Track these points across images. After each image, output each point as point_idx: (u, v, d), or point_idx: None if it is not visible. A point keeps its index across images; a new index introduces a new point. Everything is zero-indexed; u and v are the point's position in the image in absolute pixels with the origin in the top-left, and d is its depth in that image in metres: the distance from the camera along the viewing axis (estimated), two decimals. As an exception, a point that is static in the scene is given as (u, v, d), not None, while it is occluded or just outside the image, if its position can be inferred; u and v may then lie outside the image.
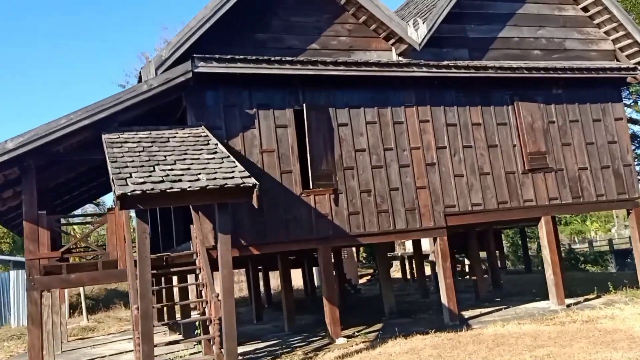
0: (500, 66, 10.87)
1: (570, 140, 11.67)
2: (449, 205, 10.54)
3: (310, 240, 9.52)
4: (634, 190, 11.94)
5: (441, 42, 11.05)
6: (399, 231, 10.15)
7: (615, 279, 16.62)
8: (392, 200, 10.18)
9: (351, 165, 10.03)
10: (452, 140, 10.84)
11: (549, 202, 11.24)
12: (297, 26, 10.12)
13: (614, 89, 12.26)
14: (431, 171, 10.56)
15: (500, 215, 10.99)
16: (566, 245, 43.42)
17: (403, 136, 10.51)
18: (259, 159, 9.43)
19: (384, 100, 10.52)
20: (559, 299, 10.89)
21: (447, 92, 10.99)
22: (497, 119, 11.26)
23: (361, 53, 10.46)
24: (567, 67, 11.33)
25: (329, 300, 9.44)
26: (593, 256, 37.74)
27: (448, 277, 10.27)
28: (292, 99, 9.85)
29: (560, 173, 11.45)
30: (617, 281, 15.93)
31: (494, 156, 11.07)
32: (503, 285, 18.16)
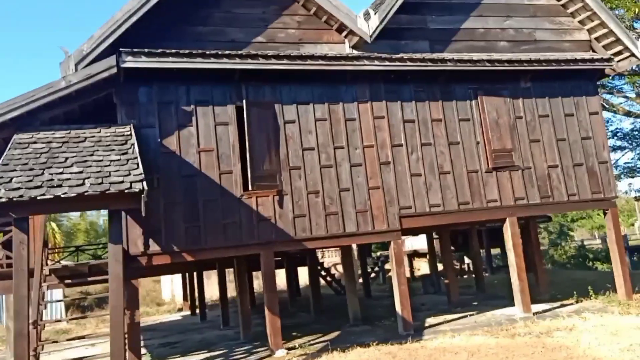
0: (459, 59, 10.22)
1: (540, 137, 10.99)
2: (405, 207, 9.94)
3: (252, 245, 8.99)
4: (610, 189, 11.23)
5: (400, 34, 10.44)
6: (350, 234, 9.57)
7: (609, 281, 15.98)
8: (343, 202, 9.61)
9: (298, 164, 9.47)
10: (410, 137, 10.23)
11: (515, 203, 10.58)
12: (240, 18, 9.57)
13: (589, 81, 11.54)
14: (386, 170, 9.96)
15: (461, 217, 10.36)
16: (577, 242, 42.54)
17: (356, 134, 9.92)
18: (195, 158, 8.91)
19: (335, 96, 9.95)
20: (525, 306, 10.25)
21: (405, 86, 10.38)
22: (460, 114, 10.62)
23: (311, 46, 9.89)
24: (534, 59, 10.65)
25: (270, 309, 8.90)
26: (604, 253, 36.87)
27: (402, 284, 9.69)
28: (234, 94, 9.31)
29: (527, 171, 10.78)
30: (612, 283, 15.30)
31: (456, 154, 10.44)
32: (488, 287, 17.55)
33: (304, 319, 14.21)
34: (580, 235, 46.59)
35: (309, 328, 12.11)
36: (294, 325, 13.20)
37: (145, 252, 8.33)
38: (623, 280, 10.91)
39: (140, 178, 6.09)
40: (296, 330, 12.03)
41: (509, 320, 9.77)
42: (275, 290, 9.09)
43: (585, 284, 16.20)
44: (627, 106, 24.81)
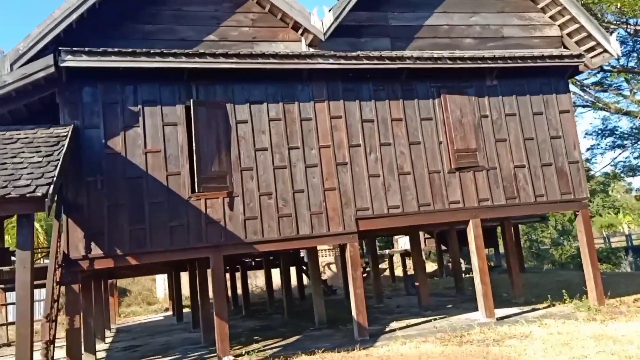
0: (419, 56, 9.94)
1: (506, 136, 10.67)
2: (362, 208, 9.68)
3: (200, 248, 8.78)
4: (581, 190, 10.89)
5: (359, 31, 10.20)
6: (303, 237, 9.32)
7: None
8: (297, 204, 9.37)
9: (250, 165, 9.25)
10: (369, 137, 9.97)
11: (479, 204, 10.28)
12: (191, 16, 9.38)
13: (559, 78, 11.19)
14: (342, 171, 9.71)
15: (421, 219, 10.08)
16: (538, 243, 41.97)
17: (312, 134, 9.68)
18: (142, 160, 8.72)
19: (291, 95, 9.71)
20: (488, 310, 9.94)
21: (365, 85, 10.12)
22: (422, 113, 10.34)
23: (266, 44, 9.67)
24: (498, 56, 10.34)
25: (219, 315, 8.68)
26: (606, 253, 36.29)
27: (358, 288, 9.43)
28: (183, 94, 9.10)
29: (492, 172, 10.47)
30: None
31: (417, 154, 10.16)
32: (467, 289, 17.22)
33: (275, 322, 14.01)
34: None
35: (274, 332, 11.90)
36: (262, 328, 13.01)
37: (86, 256, 8.15)
38: (594, 284, 10.57)
39: (49, 181, 5.90)
40: (260, 333, 11.83)
41: (469, 325, 9.47)
42: (225, 295, 8.87)
43: (569, 286, 15.90)
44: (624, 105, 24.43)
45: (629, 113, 21.44)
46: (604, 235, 42.91)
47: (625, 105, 23.18)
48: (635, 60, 23.48)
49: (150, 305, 26.70)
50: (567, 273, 23.99)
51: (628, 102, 24.61)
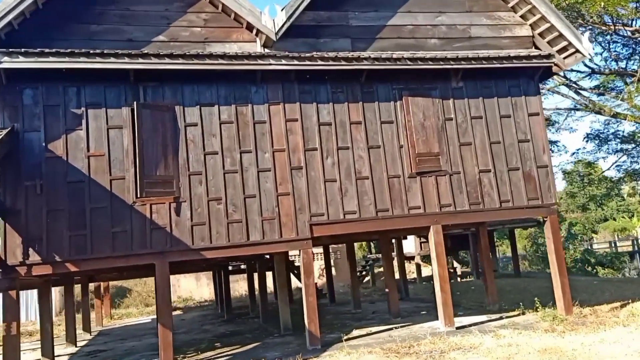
0: (377, 57, 9.63)
1: (471, 140, 10.33)
2: (317, 214, 9.40)
3: (144, 255, 8.55)
4: (550, 195, 10.51)
5: (318, 32, 9.91)
6: (254, 243, 9.06)
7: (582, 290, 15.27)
8: (248, 209, 9.12)
9: (199, 170, 9.01)
10: (326, 141, 9.68)
11: (441, 210, 9.95)
12: (140, 16, 9.14)
13: (529, 80, 10.80)
14: (297, 176, 9.43)
15: (379, 225, 9.76)
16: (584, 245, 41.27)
17: (265, 137, 9.42)
18: (84, 164, 8.50)
19: (244, 97, 9.45)
20: (447, 319, 9.63)
21: (322, 87, 9.83)
22: (382, 116, 10.02)
23: (219, 45, 9.40)
24: (461, 57, 9.99)
25: (163, 324, 8.46)
26: (610, 257, 35.65)
27: (311, 295, 9.16)
28: (130, 96, 8.87)
29: (456, 176, 10.14)
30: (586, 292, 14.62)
31: (376, 158, 9.85)
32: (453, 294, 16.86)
33: (248, 327, 13.77)
34: (603, 237, 45.16)
35: (238, 338, 11.67)
36: (231, 333, 12.77)
37: (24, 262, 7.96)
38: (562, 293, 10.21)
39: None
40: (225, 340, 11.60)
41: (424, 335, 9.16)
42: (170, 303, 8.66)
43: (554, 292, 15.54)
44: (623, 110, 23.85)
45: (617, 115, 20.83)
46: (614, 239, 42.25)
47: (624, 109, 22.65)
48: (638, 63, 22.99)
49: (148, 306, 26.59)
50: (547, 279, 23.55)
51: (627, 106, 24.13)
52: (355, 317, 13.39)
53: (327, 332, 10.79)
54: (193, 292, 26.78)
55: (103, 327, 17.83)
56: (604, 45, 25.17)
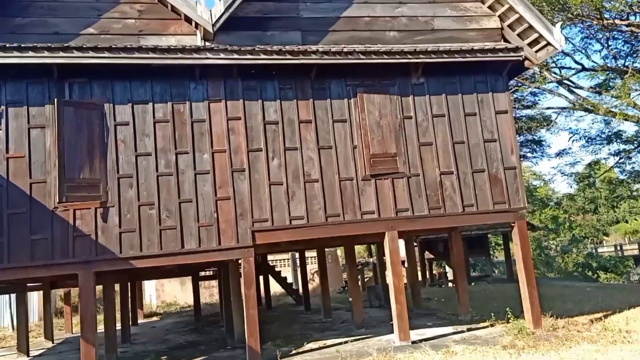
0: (326, 51, 8.92)
1: (432, 140, 9.59)
2: (260, 220, 8.72)
3: (66, 265, 7.91)
4: (518, 199, 9.74)
5: (265, 24, 9.24)
6: (190, 252, 8.39)
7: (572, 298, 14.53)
8: (183, 215, 8.46)
9: (129, 172, 8.36)
10: (272, 141, 9.00)
11: (397, 215, 9.22)
12: (68, 7, 8.52)
13: (497, 75, 10.03)
14: (239, 178, 8.76)
15: (329, 231, 9.05)
16: (589, 248, 40.26)
17: (204, 137, 8.75)
18: (2, 166, 7.89)
19: (182, 94, 8.80)
20: (402, 333, 8.89)
21: (269, 83, 9.15)
22: (334, 115, 9.32)
23: (155, 38, 8.76)
24: (419, 50, 9.24)
25: (87, 340, 7.81)
26: (614, 262, 34.60)
27: (252, 308, 8.47)
28: (54, 93, 8.24)
29: (415, 179, 9.41)
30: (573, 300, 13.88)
31: (327, 160, 9.15)
32: (429, 303, 16.12)
33: (207, 337, 13.10)
34: (614, 240, 44.03)
35: (190, 350, 11.00)
36: (188, 344, 12.09)
37: None
38: (530, 304, 9.43)
39: None
40: (176, 352, 10.91)
41: (373, 350, 8.44)
42: (94, 315, 8.01)
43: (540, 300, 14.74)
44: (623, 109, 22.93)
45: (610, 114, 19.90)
46: (625, 242, 41.13)
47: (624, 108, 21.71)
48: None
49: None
50: (558, 284, 22.70)
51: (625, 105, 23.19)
52: (322, 327, 12.69)
53: (281, 345, 10.11)
54: (178, 297, 26.17)
55: (72, 334, 17.25)
56: (603, 43, 24.31)
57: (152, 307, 25.29)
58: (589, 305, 13.01)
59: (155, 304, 25.81)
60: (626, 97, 17.62)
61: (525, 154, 35.73)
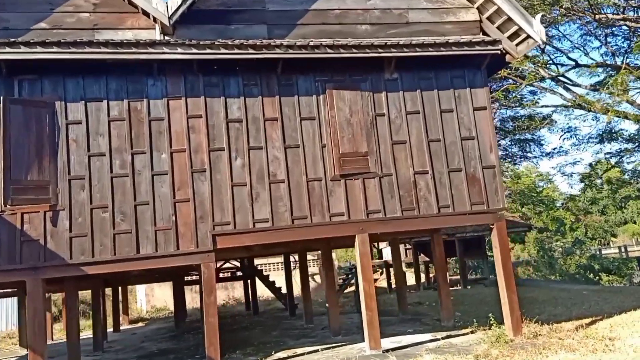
0: (291, 45, 8.47)
1: (406, 138, 9.12)
2: (221, 223, 8.27)
3: (12, 271, 7.49)
4: (497, 200, 9.26)
5: (229, 17, 8.81)
6: (145, 257, 7.95)
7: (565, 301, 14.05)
8: (139, 218, 8.02)
9: (82, 174, 7.94)
10: (235, 139, 8.56)
11: (368, 217, 8.76)
12: (19, 1, 8.12)
13: (475, 70, 9.55)
14: (199, 179, 8.32)
15: (296, 234, 8.60)
16: (592, 250, 39.58)
17: (163, 136, 8.32)
18: (-55, 168, 7.52)
19: (139, 91, 8.37)
20: (373, 341, 8.42)
21: (233, 79, 8.72)
22: (302, 112, 8.88)
23: (111, 32, 8.34)
24: (390, 44, 8.75)
25: (34, 350, 7.38)
26: (617, 264, 33.91)
27: (212, 316, 8.03)
28: (2, 91, 7.81)
29: (387, 179, 8.94)
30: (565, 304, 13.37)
31: (294, 159, 8.70)
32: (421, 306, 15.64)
33: (183, 344, 12.63)
34: (622, 241, 43.30)
35: (159, 359, 10.60)
36: (158, 353, 11.63)
37: None
38: (510, 310, 8.93)
39: None
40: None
41: None
42: (43, 324, 7.58)
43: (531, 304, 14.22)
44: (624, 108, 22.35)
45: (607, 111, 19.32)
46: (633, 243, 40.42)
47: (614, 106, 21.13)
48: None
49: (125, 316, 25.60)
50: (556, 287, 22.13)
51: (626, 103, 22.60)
52: (301, 333, 12.21)
53: (250, 354, 9.69)
54: (168, 302, 25.72)
55: (52, 341, 16.85)
56: (601, 40, 23.75)
57: (142, 312, 24.90)
58: (580, 309, 12.53)
59: (145, 309, 25.40)
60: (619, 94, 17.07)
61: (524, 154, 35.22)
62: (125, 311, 19.92)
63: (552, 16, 21.88)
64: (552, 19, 22.13)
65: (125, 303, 20.07)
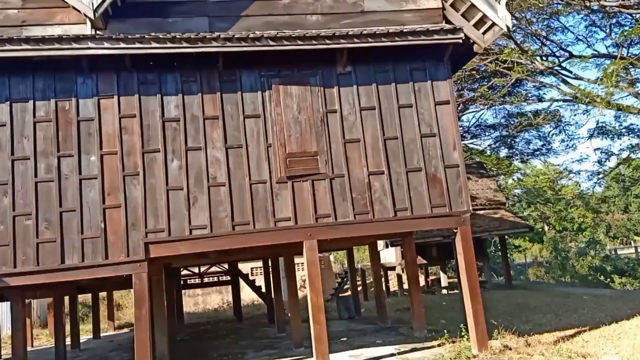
0: (228, 37, 7.87)
1: (360, 136, 8.45)
2: (155, 230, 7.70)
3: None
4: (461, 202, 8.52)
5: (167, 10, 8.28)
6: (70, 268, 7.43)
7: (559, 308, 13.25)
8: (65, 226, 7.50)
9: (4, 179, 7.46)
10: (172, 140, 7.99)
11: (317, 222, 8.10)
12: (-61, -2, 7.71)
13: (437, 61, 8.83)
14: (132, 184, 7.77)
15: (237, 242, 7.96)
16: (607, 251, 38.22)
17: (93, 138, 7.79)
18: None
19: (68, 90, 7.87)
20: (321, 357, 7.76)
21: (170, 75, 8.15)
22: (247, 109, 8.27)
23: (40, 28, 7.85)
24: (338, 34, 8.08)
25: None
26: (632, 265, 32.62)
27: (143, 330, 7.45)
28: None
29: (339, 180, 8.28)
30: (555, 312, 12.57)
31: (236, 160, 8.10)
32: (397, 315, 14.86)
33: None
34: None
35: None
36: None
37: None
38: (475, 323, 8.19)
39: None
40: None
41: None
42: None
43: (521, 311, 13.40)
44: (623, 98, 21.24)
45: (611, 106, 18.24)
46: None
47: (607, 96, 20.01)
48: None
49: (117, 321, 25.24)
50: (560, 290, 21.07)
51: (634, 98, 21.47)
52: (268, 343, 11.58)
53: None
54: (163, 305, 25.35)
55: (32, 347, 16.52)
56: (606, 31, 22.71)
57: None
58: (570, 318, 11.69)
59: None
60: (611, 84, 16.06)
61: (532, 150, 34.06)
62: (110, 317, 19.54)
63: (554, 9, 20.94)
64: (554, 11, 21.18)
65: (111, 308, 19.69)
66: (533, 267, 36.96)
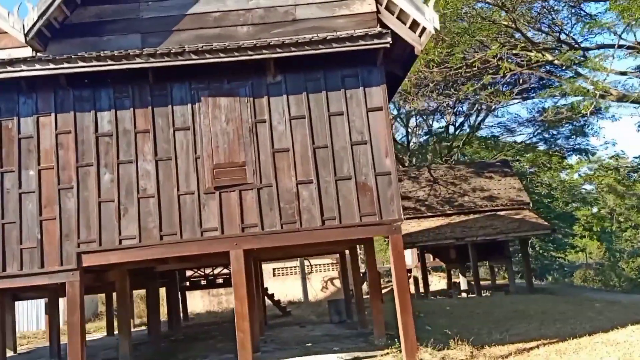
0: (151, 53, 8.14)
1: (289, 145, 8.48)
2: (86, 241, 8.12)
3: None
4: (392, 210, 8.35)
5: (102, 29, 8.68)
6: (10, 276, 8.01)
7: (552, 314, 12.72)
8: (6, 237, 8.09)
9: (-48, 194, 8.16)
10: (104, 154, 8.39)
11: (243, 232, 8.24)
12: None
13: (370, 67, 8.69)
14: (66, 196, 8.23)
15: (166, 251, 8.25)
16: (621, 254, 36.08)
17: (32, 154, 8.33)
18: None
19: (11, 110, 8.46)
20: (245, 366, 7.94)
21: (104, 92, 8.55)
22: (177, 122, 8.52)
23: (-15, 53, 8.51)
24: (260, 45, 8.15)
25: None
26: None
27: (75, 336, 7.90)
28: None
29: (267, 190, 8.36)
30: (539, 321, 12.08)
31: (166, 172, 8.37)
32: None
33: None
34: None
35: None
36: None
37: None
38: (404, 334, 8.05)
39: None
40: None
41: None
42: None
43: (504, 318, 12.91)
44: None
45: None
46: None
47: None
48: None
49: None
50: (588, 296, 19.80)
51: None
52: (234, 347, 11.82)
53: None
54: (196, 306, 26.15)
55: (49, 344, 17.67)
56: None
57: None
58: (551, 328, 11.22)
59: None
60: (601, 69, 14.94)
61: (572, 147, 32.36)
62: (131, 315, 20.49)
63: None
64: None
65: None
66: (582, 269, 35.03)
